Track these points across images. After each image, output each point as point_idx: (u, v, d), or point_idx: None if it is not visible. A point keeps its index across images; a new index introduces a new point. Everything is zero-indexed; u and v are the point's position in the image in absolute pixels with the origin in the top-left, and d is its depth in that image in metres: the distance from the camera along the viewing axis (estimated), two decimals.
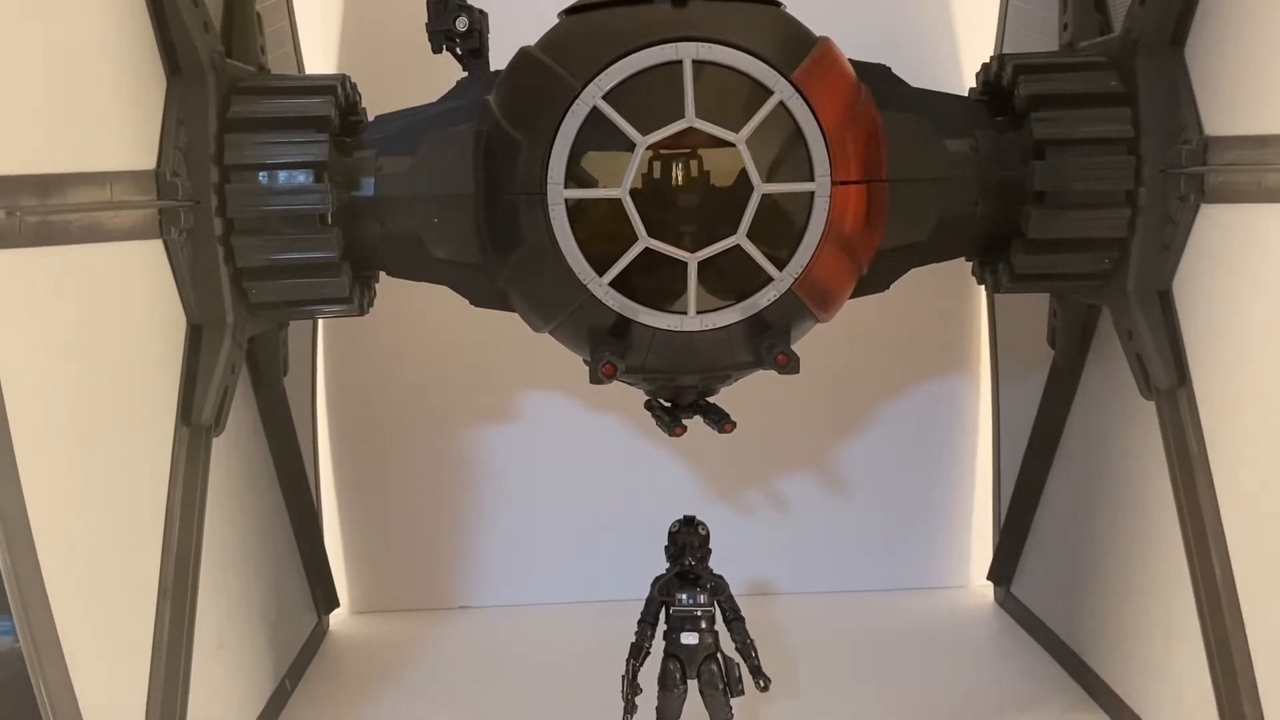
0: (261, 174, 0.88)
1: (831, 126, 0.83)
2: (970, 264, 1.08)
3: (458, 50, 0.94)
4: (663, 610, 0.93)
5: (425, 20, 0.92)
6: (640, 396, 1.03)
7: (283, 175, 0.88)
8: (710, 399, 1.01)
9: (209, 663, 0.93)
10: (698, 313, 0.85)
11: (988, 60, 0.99)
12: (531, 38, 0.89)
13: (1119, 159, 0.89)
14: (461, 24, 0.92)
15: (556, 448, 1.38)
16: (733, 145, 0.81)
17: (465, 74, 0.96)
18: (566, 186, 0.83)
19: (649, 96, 0.82)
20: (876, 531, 1.41)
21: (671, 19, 0.84)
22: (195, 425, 0.87)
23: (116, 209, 0.76)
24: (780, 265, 0.84)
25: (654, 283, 0.85)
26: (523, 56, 0.88)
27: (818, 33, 0.88)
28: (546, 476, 1.39)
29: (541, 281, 0.88)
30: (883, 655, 1.26)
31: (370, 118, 1.00)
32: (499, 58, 0.92)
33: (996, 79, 0.96)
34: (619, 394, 1.11)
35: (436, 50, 0.94)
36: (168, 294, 0.86)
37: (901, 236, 0.93)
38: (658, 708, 0.91)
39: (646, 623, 0.93)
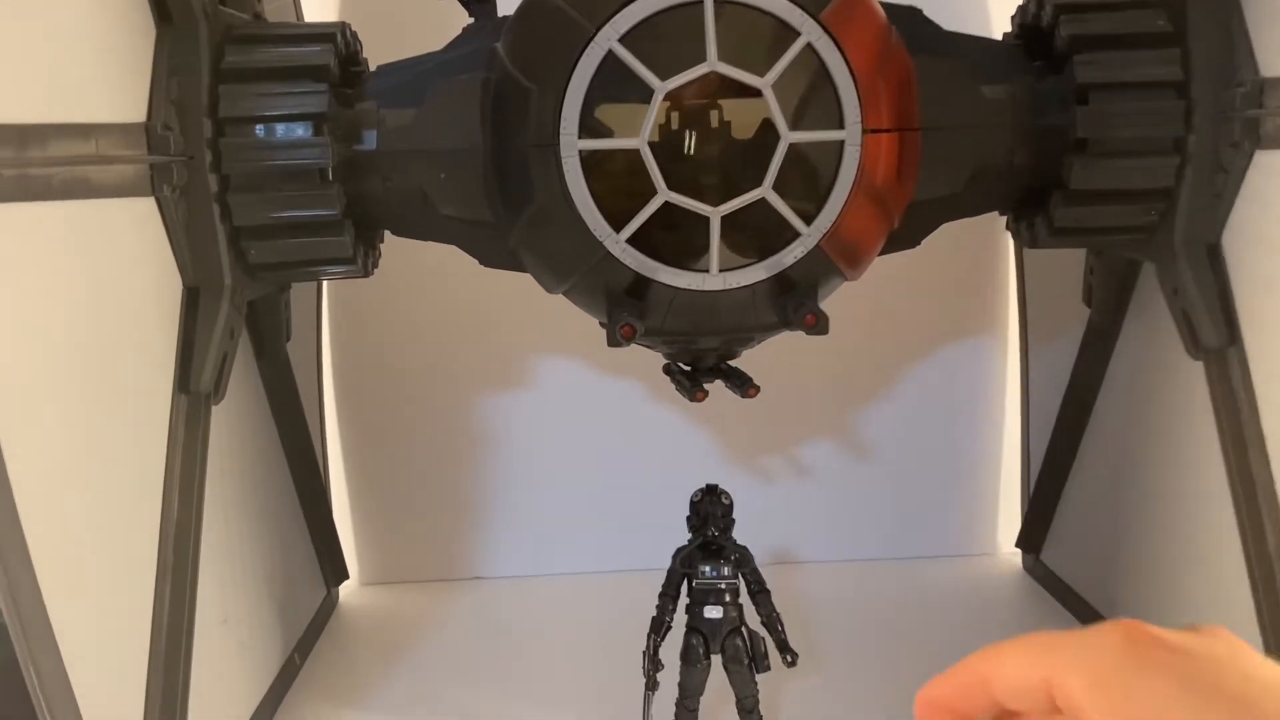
0: (258, 127, 0.83)
1: (862, 70, 0.78)
2: (1001, 218, 1.03)
3: None
4: (684, 583, 0.88)
5: None
6: (657, 360, 0.99)
7: (280, 128, 0.83)
8: (732, 362, 0.97)
9: (212, 639, 0.90)
10: (720, 271, 0.80)
11: (1024, 0, 0.93)
12: None
13: (1167, 103, 0.83)
14: None
15: (571, 414, 1.34)
16: (758, 91, 0.76)
17: (472, 20, 0.91)
18: (580, 137, 0.78)
19: (668, 39, 0.77)
20: (900, 498, 1.37)
21: None
22: (193, 393, 0.83)
23: (103, 163, 0.71)
24: (807, 220, 0.79)
25: (674, 239, 0.80)
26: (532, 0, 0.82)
27: None
28: (561, 443, 1.35)
29: (555, 239, 0.83)
30: (909, 625, 1.23)
31: (372, 68, 0.94)
32: (507, 2, 0.87)
33: (1035, 20, 0.90)
34: (635, 358, 1.07)
35: None
36: (162, 254, 0.81)
37: (934, 189, 0.88)
38: (680, 683, 0.88)
39: (668, 596, 0.88)
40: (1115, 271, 1.01)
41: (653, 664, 0.88)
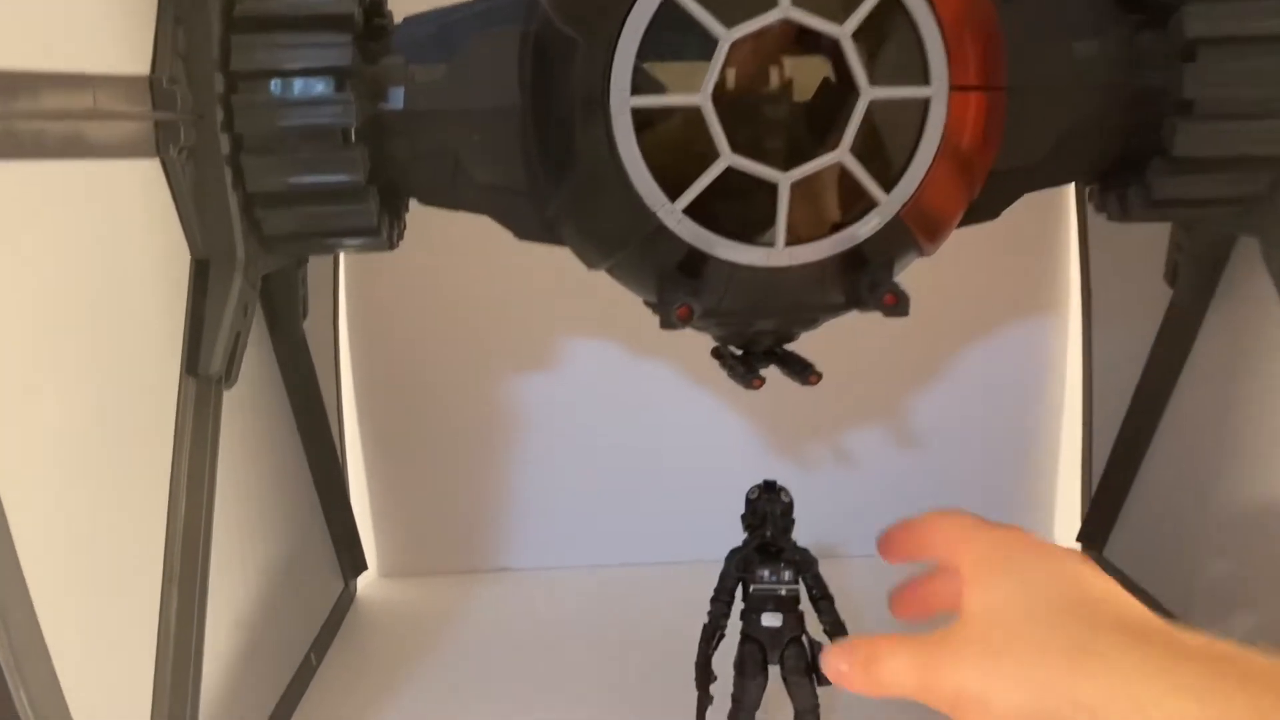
0: (274, 82, 0.75)
1: (950, 20, 0.69)
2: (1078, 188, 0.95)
3: None
4: (740, 588, 0.81)
5: None
6: (694, 342, 0.91)
7: (298, 83, 0.75)
8: (788, 346, 0.89)
9: (225, 643, 0.83)
10: (787, 244, 0.72)
11: None
12: None
13: None
14: None
15: (603, 398, 1.26)
16: (835, 41, 0.67)
17: None
18: (633, 94, 0.69)
19: None
20: (949, 488, 1.29)
21: None
22: (203, 376, 0.75)
23: (102, 119, 0.63)
24: (887, 187, 0.71)
25: (736, 209, 0.72)
26: None
27: None
28: (592, 428, 1.27)
29: (601, 209, 0.75)
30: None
31: (398, 19, 0.86)
32: None
33: None
34: (672, 340, 0.99)
35: None
36: (168, 223, 0.73)
37: (1018, 155, 0.80)
38: (734, 695, 0.80)
39: (721, 601, 0.80)
40: (1207, 247, 0.93)
41: (704, 675, 0.80)
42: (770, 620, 0.77)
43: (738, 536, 1.30)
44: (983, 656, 0.45)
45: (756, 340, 0.87)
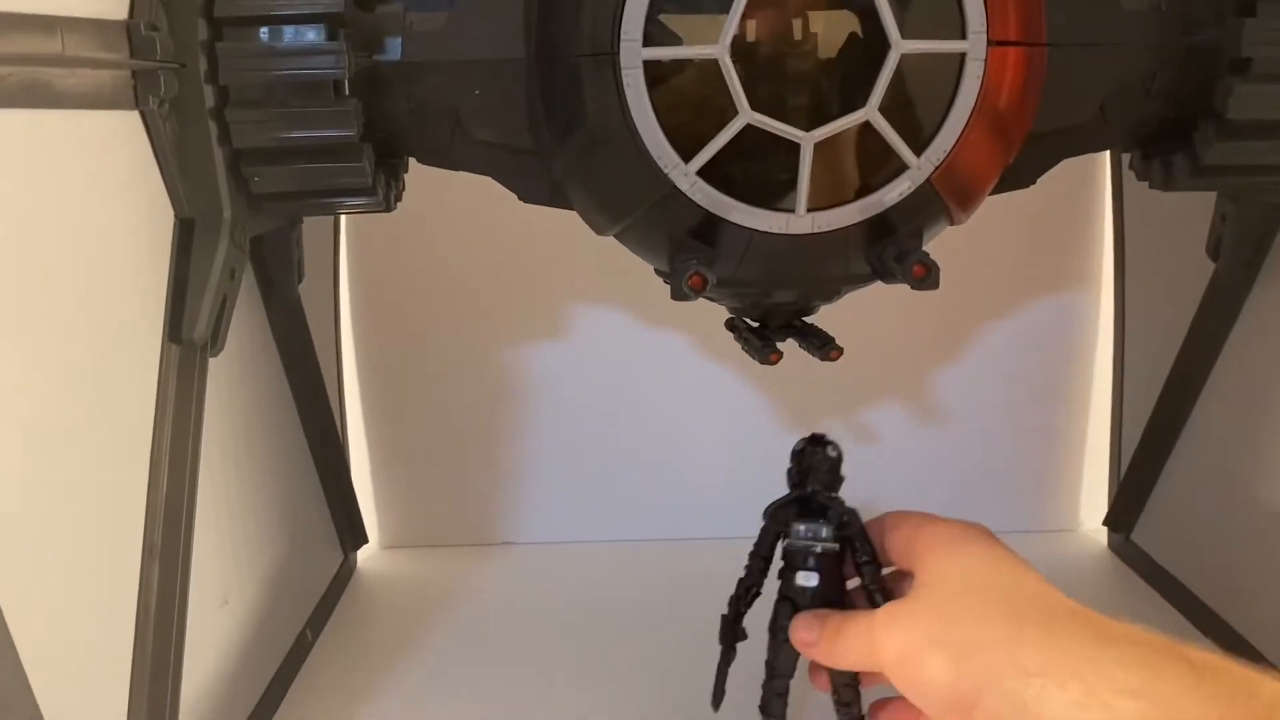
0: (262, 30, 0.70)
1: None
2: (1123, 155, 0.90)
3: None
4: (778, 545, 0.71)
5: None
6: (709, 311, 0.86)
7: (288, 31, 0.70)
8: (808, 318, 0.84)
9: (210, 621, 0.79)
10: (809, 210, 0.67)
11: None
12: None
13: None
14: None
15: (611, 367, 1.22)
16: None
17: None
18: (645, 45, 0.64)
19: None
20: (975, 467, 1.25)
21: None
22: (186, 342, 0.71)
23: (70, 65, 0.59)
24: (918, 150, 0.66)
25: (754, 171, 0.67)
26: None
27: None
28: (601, 398, 1.23)
29: (610, 170, 0.70)
30: None
31: None
32: None
33: None
34: (685, 309, 0.93)
35: None
36: (149, 179, 0.69)
37: (1058, 118, 0.75)
38: (768, 660, 0.71)
39: (759, 556, 0.72)
40: (1255, 220, 0.87)
41: (731, 631, 0.73)
42: (805, 579, 0.68)
43: (748, 514, 1.27)
44: (929, 621, 0.49)
45: (774, 312, 0.82)
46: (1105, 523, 1.20)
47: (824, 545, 0.67)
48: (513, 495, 1.25)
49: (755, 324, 0.84)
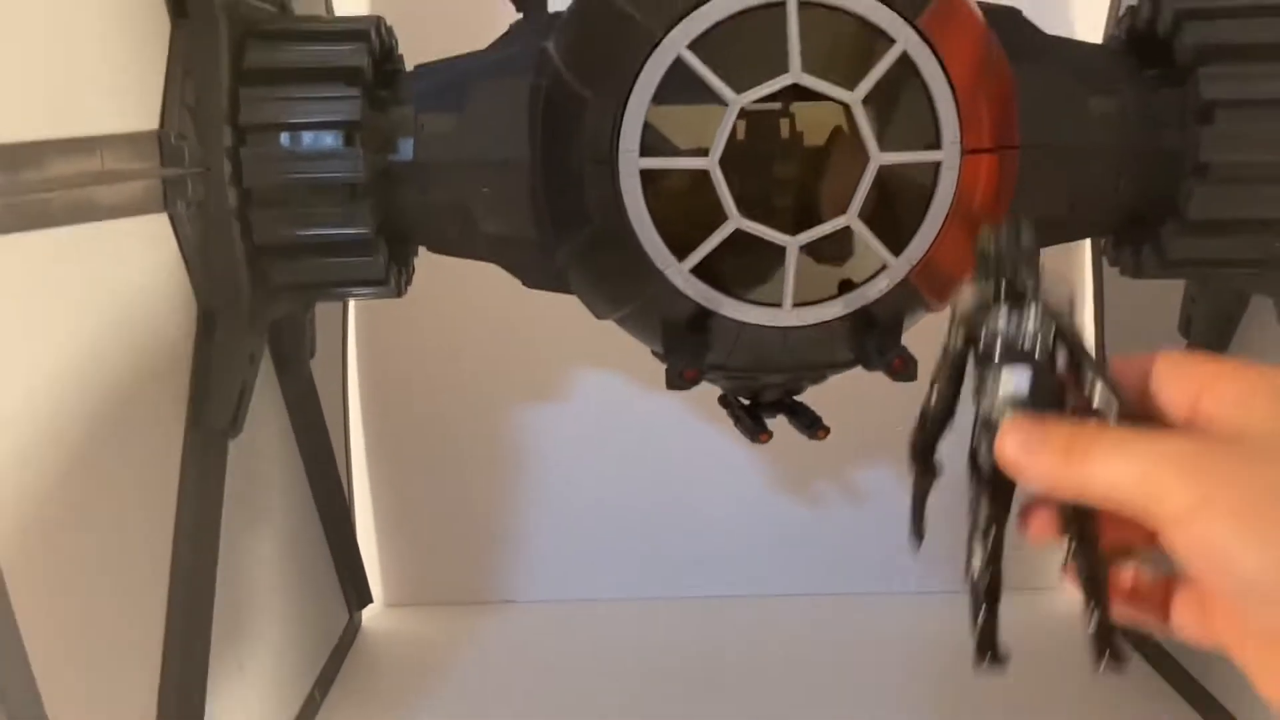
0: (283, 135, 0.75)
1: (962, 83, 0.69)
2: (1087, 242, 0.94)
3: None
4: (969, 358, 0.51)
5: None
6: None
7: (308, 137, 0.75)
8: (797, 397, 0.88)
9: (226, 687, 0.83)
10: (795, 305, 0.72)
11: (1134, 2, 0.83)
12: None
13: None
14: None
15: (608, 430, 1.26)
16: (846, 106, 0.67)
17: (520, 16, 0.82)
18: (642, 154, 0.69)
19: (744, 45, 0.68)
20: (958, 527, 1.28)
21: None
22: (207, 429, 0.75)
23: (110, 181, 0.63)
24: (896, 250, 0.70)
25: (744, 269, 0.72)
26: None
27: None
28: (600, 460, 1.27)
29: (609, 265, 0.75)
30: (966, 662, 1.15)
31: (409, 66, 0.86)
32: None
33: (1149, 25, 0.80)
34: None
35: None
36: (176, 276, 0.73)
37: (1031, 212, 0.76)
38: (970, 503, 0.51)
39: (945, 378, 0.51)
40: (1223, 302, 0.92)
41: (926, 462, 0.53)
42: (1013, 383, 0.49)
43: (749, 572, 1.30)
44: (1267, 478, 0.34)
45: (765, 392, 0.86)
46: None
47: (1038, 341, 0.49)
48: (516, 553, 1.29)
49: (747, 402, 0.88)
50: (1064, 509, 0.45)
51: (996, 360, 0.47)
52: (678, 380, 0.73)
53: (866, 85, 0.67)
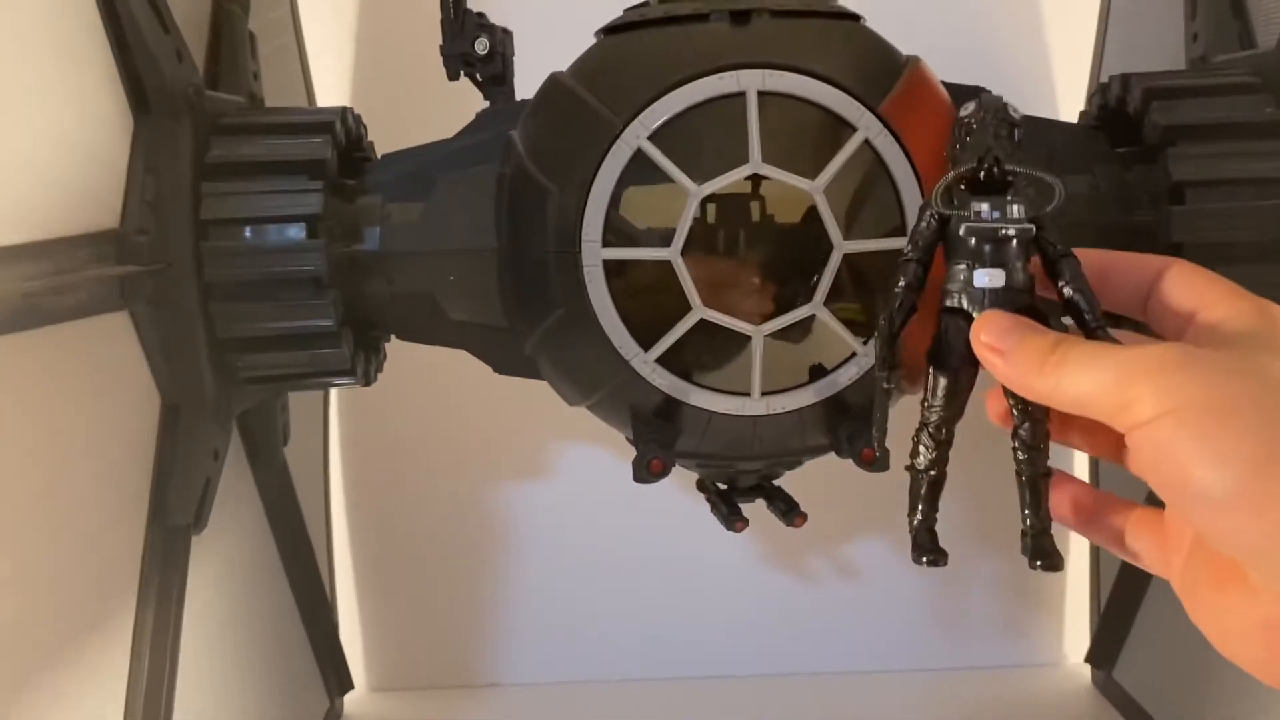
0: (246, 229, 0.74)
1: (927, 166, 0.68)
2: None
3: (477, 76, 0.81)
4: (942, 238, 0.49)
5: (440, 42, 0.79)
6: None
7: (271, 230, 0.74)
8: (775, 481, 0.87)
9: None
10: (763, 394, 0.70)
11: (1105, 81, 0.83)
12: (565, 60, 0.75)
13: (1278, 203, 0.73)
14: (481, 46, 0.78)
15: (593, 510, 1.24)
16: (807, 195, 0.66)
17: (487, 104, 0.82)
18: (605, 245, 0.68)
19: (704, 135, 0.68)
20: (955, 604, 1.26)
21: (731, 40, 0.69)
22: (170, 526, 0.74)
23: (63, 290, 0.62)
24: (865, 336, 0.69)
25: (710, 358, 0.71)
26: (553, 85, 0.73)
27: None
28: (585, 540, 1.25)
29: (576, 353, 0.73)
30: None
31: (379, 153, 0.86)
32: (527, 82, 0.79)
33: (1119, 104, 0.80)
34: None
35: (453, 77, 0.80)
36: (136, 372, 0.73)
37: None
38: (923, 399, 0.52)
39: (913, 261, 0.50)
40: None
41: (889, 356, 0.52)
42: (987, 279, 0.47)
43: (741, 651, 1.27)
44: (1244, 389, 0.34)
45: (740, 478, 0.85)
46: (1087, 659, 1.20)
47: (1017, 228, 0.47)
48: (502, 635, 1.27)
49: (724, 488, 0.86)
50: (1019, 411, 0.48)
51: (973, 246, 0.47)
52: (644, 473, 0.71)
53: (828, 174, 0.66)
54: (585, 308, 0.69)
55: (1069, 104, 1.15)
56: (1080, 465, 1.19)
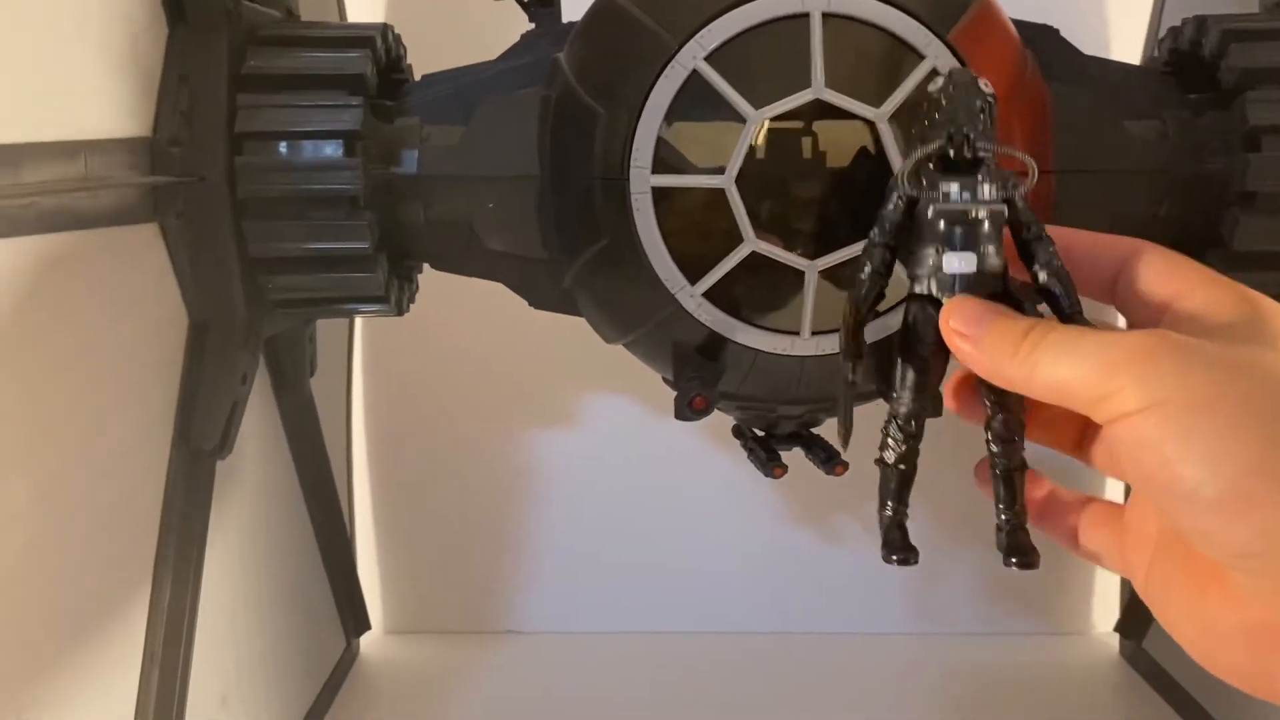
0: (281, 144, 0.71)
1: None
2: None
3: None
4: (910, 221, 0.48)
5: None
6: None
7: (307, 146, 0.72)
8: (814, 429, 0.84)
9: (212, 716, 0.79)
10: (813, 334, 0.68)
11: (1178, 24, 0.79)
12: None
13: None
14: None
15: (617, 459, 1.22)
16: (871, 124, 0.63)
17: (532, 25, 0.79)
18: (654, 171, 0.65)
19: (764, 59, 0.64)
20: (987, 568, 1.23)
21: None
22: (195, 449, 0.72)
23: (94, 188, 0.60)
24: None
25: (759, 294, 0.68)
26: (604, 4, 0.70)
27: None
28: (609, 487, 1.23)
29: (618, 287, 0.71)
30: (989, 706, 1.10)
31: (417, 76, 0.83)
32: (573, 3, 0.76)
33: (1193, 47, 0.76)
34: None
35: None
36: (165, 287, 0.70)
37: None
38: (889, 387, 0.51)
39: (881, 246, 0.49)
40: None
41: (855, 346, 0.51)
42: (958, 263, 0.45)
43: (758, 608, 1.26)
44: (1235, 379, 0.32)
45: (780, 423, 0.82)
46: (1116, 629, 1.18)
47: (989, 209, 0.45)
48: (519, 582, 1.25)
49: (761, 434, 0.84)
50: (992, 402, 0.45)
51: (942, 229, 0.44)
52: (686, 410, 0.69)
53: (894, 102, 0.63)
54: (631, 238, 0.67)
55: (1124, 47, 1.11)
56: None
